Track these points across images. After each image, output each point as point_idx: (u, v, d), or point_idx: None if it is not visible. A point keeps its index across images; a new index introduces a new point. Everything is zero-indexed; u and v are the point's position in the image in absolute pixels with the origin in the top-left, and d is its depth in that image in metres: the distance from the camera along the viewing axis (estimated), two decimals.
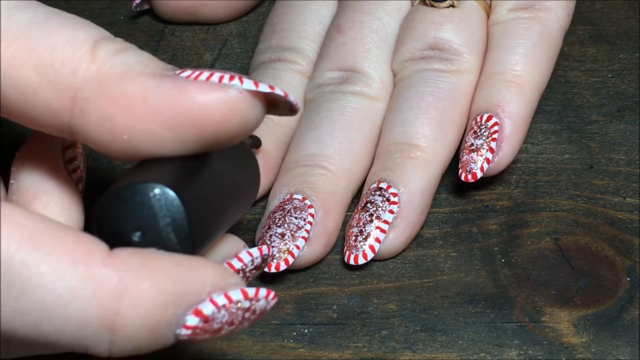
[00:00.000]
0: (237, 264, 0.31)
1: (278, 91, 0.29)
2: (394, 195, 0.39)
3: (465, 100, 0.41)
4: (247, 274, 0.32)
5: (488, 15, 0.43)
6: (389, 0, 0.43)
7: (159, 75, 0.28)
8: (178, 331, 0.27)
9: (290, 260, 0.37)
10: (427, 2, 0.42)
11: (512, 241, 0.40)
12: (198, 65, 0.48)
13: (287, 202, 0.39)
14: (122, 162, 0.30)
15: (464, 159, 0.39)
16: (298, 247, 0.38)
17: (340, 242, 0.40)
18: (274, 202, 0.39)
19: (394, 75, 0.42)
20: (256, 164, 0.33)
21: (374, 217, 0.38)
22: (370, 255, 0.38)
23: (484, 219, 0.41)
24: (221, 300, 0.28)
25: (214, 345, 0.37)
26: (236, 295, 0.28)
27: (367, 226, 0.38)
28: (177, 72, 0.29)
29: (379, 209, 0.38)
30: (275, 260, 0.37)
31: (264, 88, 0.29)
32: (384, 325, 0.37)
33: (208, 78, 0.29)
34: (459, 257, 0.40)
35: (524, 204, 0.41)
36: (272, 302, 0.29)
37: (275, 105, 0.30)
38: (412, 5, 0.43)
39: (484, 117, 0.40)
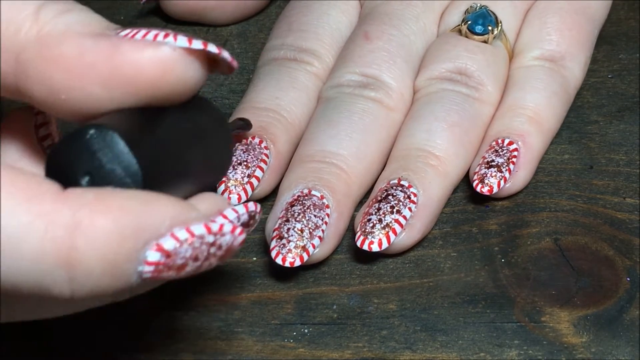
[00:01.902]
0: (222, 222, 0.31)
1: (211, 48, 0.30)
2: (414, 195, 0.39)
3: (484, 128, 0.42)
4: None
5: (509, 58, 0.44)
6: (417, 20, 0.44)
7: (97, 34, 0.29)
8: (140, 268, 0.27)
9: (305, 257, 0.37)
10: (463, 31, 0.43)
11: (512, 241, 0.40)
12: None
13: (306, 198, 0.39)
14: (73, 122, 0.30)
15: (481, 171, 0.40)
16: (314, 246, 0.38)
17: (341, 242, 0.40)
18: (289, 194, 0.39)
19: (416, 91, 0.43)
20: (226, 128, 0.33)
21: (395, 210, 0.38)
22: (384, 245, 0.38)
23: (484, 219, 0.41)
24: (183, 234, 0.27)
25: (213, 345, 0.37)
26: (199, 229, 0.28)
27: (387, 216, 0.38)
28: (117, 31, 0.29)
29: (401, 203, 0.39)
30: (290, 256, 0.37)
31: (197, 45, 0.29)
32: (384, 325, 0.37)
33: (144, 36, 0.29)
34: (459, 257, 0.40)
35: (524, 204, 0.41)
36: (240, 238, 0.29)
37: (215, 63, 0.30)
38: (439, 31, 0.45)
39: (505, 141, 0.41)
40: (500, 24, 0.43)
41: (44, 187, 0.27)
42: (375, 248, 0.38)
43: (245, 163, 0.40)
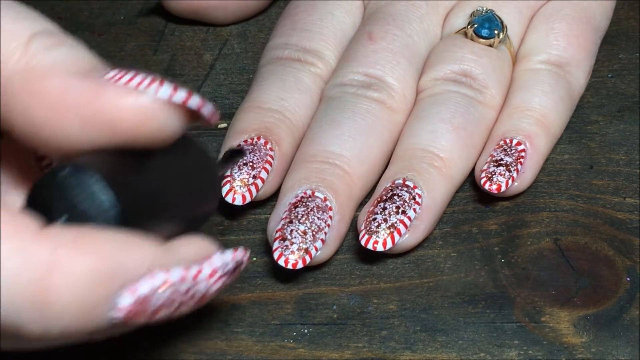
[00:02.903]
0: (204, 274, 0.30)
1: (192, 102, 0.30)
2: (419, 196, 0.39)
3: (487, 131, 0.42)
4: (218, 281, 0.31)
5: (513, 63, 0.44)
6: (421, 22, 0.44)
7: (83, 74, 0.29)
8: (112, 313, 0.27)
9: (308, 260, 0.37)
10: (469, 34, 0.43)
11: (512, 241, 0.40)
12: (198, 65, 0.48)
13: (309, 199, 0.39)
14: (55, 157, 0.30)
15: (490, 169, 0.40)
16: (317, 249, 0.38)
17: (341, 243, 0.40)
18: (292, 194, 0.39)
19: (420, 91, 0.43)
20: (213, 169, 0.33)
21: (400, 210, 0.38)
22: (389, 245, 0.38)
23: (484, 219, 0.41)
24: (159, 279, 0.27)
25: (213, 345, 0.37)
26: (175, 275, 0.28)
27: (392, 216, 0.38)
28: (104, 72, 0.29)
29: (406, 204, 0.39)
30: (293, 258, 0.37)
31: (179, 98, 0.29)
32: (384, 325, 0.37)
33: (128, 81, 0.29)
34: (459, 257, 0.40)
35: (524, 204, 0.41)
36: (215, 286, 0.29)
37: (196, 115, 0.30)
38: (443, 33, 0.45)
39: (514, 141, 0.41)
40: (506, 29, 0.44)
41: (24, 224, 0.27)
42: (379, 248, 0.38)
43: (250, 164, 0.40)
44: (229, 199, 0.39)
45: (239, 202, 0.39)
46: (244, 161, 0.40)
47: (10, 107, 0.29)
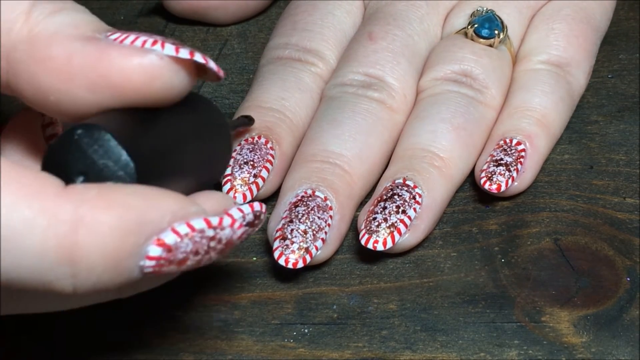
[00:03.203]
0: (227, 220, 0.31)
1: (198, 57, 0.30)
2: (419, 196, 0.39)
3: (487, 132, 0.42)
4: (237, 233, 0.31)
5: (513, 63, 0.44)
6: (421, 22, 0.44)
7: (87, 37, 0.29)
8: (142, 263, 0.27)
9: (308, 259, 0.37)
10: (469, 34, 0.43)
11: (512, 241, 0.40)
12: None
13: (309, 199, 0.39)
14: (67, 122, 0.30)
15: (490, 169, 0.40)
16: (317, 248, 0.38)
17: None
18: (293, 193, 0.39)
19: (420, 91, 0.43)
20: (225, 127, 0.33)
21: (400, 210, 0.38)
22: (389, 244, 0.38)
23: (484, 219, 0.41)
24: (183, 229, 0.28)
25: (214, 344, 0.37)
26: (199, 223, 0.28)
27: (392, 216, 0.38)
28: (108, 34, 0.29)
29: (406, 203, 0.39)
30: (293, 257, 0.37)
31: (184, 54, 0.29)
32: (384, 325, 0.37)
33: (133, 42, 0.29)
34: (459, 257, 0.40)
35: (524, 204, 0.41)
36: (239, 232, 0.29)
37: (202, 71, 0.31)
38: (443, 33, 0.45)
39: (514, 141, 0.41)
40: (506, 29, 0.44)
41: (47, 183, 0.27)
42: (379, 247, 0.38)
43: (251, 163, 0.40)
44: (229, 195, 0.39)
45: (239, 200, 0.39)
46: (245, 160, 0.40)
47: (17, 74, 0.29)
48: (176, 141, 0.30)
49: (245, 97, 0.43)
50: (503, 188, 0.40)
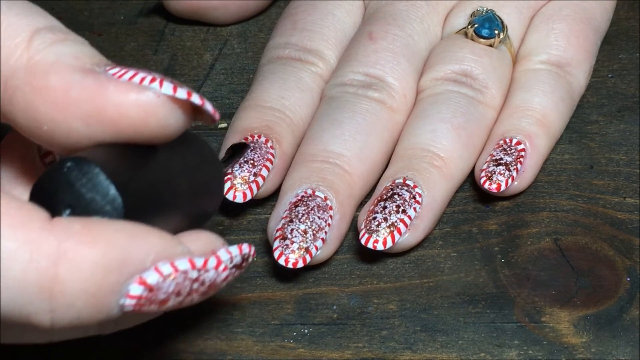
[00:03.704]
0: (212, 263, 0.31)
1: (195, 99, 0.30)
2: (419, 195, 0.39)
3: (487, 131, 0.42)
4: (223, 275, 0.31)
5: (513, 63, 0.44)
6: (421, 22, 0.44)
7: (86, 70, 0.29)
8: (122, 301, 0.27)
9: (308, 259, 0.37)
10: (469, 34, 0.43)
11: (512, 241, 0.40)
12: (198, 65, 0.48)
13: (310, 198, 0.39)
14: (58, 153, 0.30)
15: (490, 168, 0.40)
16: (317, 248, 0.38)
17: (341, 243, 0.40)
18: (293, 193, 0.39)
19: (420, 91, 0.43)
20: (218, 166, 0.33)
21: (400, 209, 0.38)
22: (389, 244, 0.38)
23: (484, 219, 0.41)
24: (167, 269, 0.27)
25: (214, 345, 0.37)
26: (183, 264, 0.28)
27: (392, 215, 0.38)
28: (107, 68, 0.29)
29: (406, 203, 0.39)
30: (293, 257, 0.37)
31: (181, 94, 0.29)
32: (384, 326, 0.37)
33: (131, 78, 0.29)
34: (459, 257, 0.40)
35: (524, 204, 0.41)
36: (223, 275, 0.29)
37: (199, 111, 0.30)
38: (443, 33, 0.45)
39: (513, 141, 0.41)
40: (506, 29, 0.44)
41: (33, 215, 0.27)
42: (379, 247, 0.38)
43: (252, 161, 0.40)
44: (229, 196, 0.39)
45: (239, 199, 0.39)
46: (245, 159, 0.40)
47: (14, 102, 0.29)
48: (167, 178, 0.30)
49: (245, 96, 0.43)
50: (503, 187, 0.40)
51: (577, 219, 0.41)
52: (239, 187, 0.39)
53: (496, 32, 0.43)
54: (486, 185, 0.40)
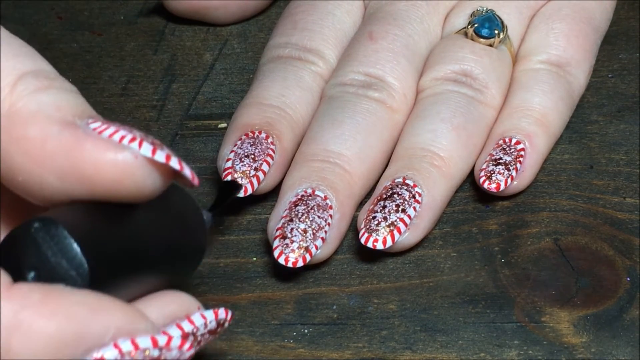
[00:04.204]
0: (188, 327, 0.30)
1: (174, 163, 0.29)
2: (419, 194, 0.39)
3: (487, 131, 0.42)
4: (199, 338, 0.30)
5: (513, 63, 0.44)
6: (421, 22, 0.44)
7: (66, 122, 0.28)
8: None
9: (308, 258, 0.37)
10: (469, 34, 0.43)
11: (512, 241, 0.40)
12: (198, 65, 0.48)
13: (309, 198, 0.39)
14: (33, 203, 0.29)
15: (489, 168, 0.40)
16: (317, 247, 0.38)
17: (341, 243, 0.40)
18: (293, 193, 0.39)
19: (420, 91, 0.43)
20: (200, 223, 0.32)
21: (400, 208, 0.38)
22: (388, 243, 0.38)
23: (484, 219, 0.41)
24: (127, 346, 0.27)
25: (213, 345, 0.37)
26: (144, 342, 0.27)
27: (392, 214, 0.38)
28: (88, 121, 0.28)
29: (406, 202, 0.39)
30: (293, 256, 0.37)
31: (159, 156, 0.28)
32: (384, 326, 0.37)
33: (111, 135, 0.28)
34: (459, 257, 0.40)
35: (524, 204, 0.41)
36: (187, 354, 0.28)
37: (178, 175, 0.29)
38: (443, 33, 0.45)
39: (513, 140, 0.41)
40: (506, 29, 0.44)
41: None
42: (379, 246, 0.38)
43: (252, 156, 0.40)
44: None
45: (241, 193, 0.39)
46: (246, 153, 0.40)
47: None
48: (141, 239, 0.29)
49: (246, 94, 0.43)
50: (502, 187, 0.40)
51: (577, 219, 0.41)
52: (240, 181, 0.39)
53: (496, 32, 0.43)
54: (485, 185, 0.40)
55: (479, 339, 0.37)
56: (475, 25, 0.43)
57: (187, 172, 0.29)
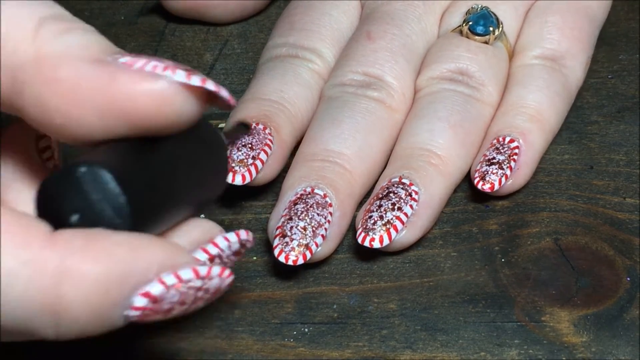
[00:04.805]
0: (213, 250, 0.30)
1: (209, 85, 0.29)
2: (416, 193, 0.39)
3: (484, 128, 0.42)
4: (225, 259, 0.31)
5: (509, 59, 0.44)
6: (419, 21, 0.44)
7: (96, 60, 0.28)
8: (126, 312, 0.27)
9: (308, 256, 0.37)
10: (464, 32, 0.44)
11: (512, 241, 0.40)
12: (198, 65, 0.48)
13: (309, 196, 0.39)
14: (70, 144, 0.30)
15: (482, 169, 0.40)
16: (317, 245, 0.38)
17: (342, 242, 0.40)
18: (292, 192, 0.39)
19: (417, 90, 0.43)
20: (222, 148, 0.32)
21: (396, 207, 0.38)
22: (385, 241, 0.38)
23: (484, 219, 0.41)
24: (170, 279, 0.27)
25: (214, 344, 0.37)
26: (187, 274, 0.28)
27: (388, 213, 0.38)
28: (117, 57, 0.28)
29: (402, 200, 0.39)
30: (293, 254, 0.37)
31: (195, 81, 0.28)
32: (384, 325, 0.37)
33: (142, 66, 0.28)
34: (459, 256, 0.40)
35: (524, 204, 0.41)
36: (227, 280, 0.29)
37: (213, 98, 0.30)
38: (439, 31, 0.45)
39: (507, 139, 0.41)
40: (501, 25, 0.44)
41: (33, 231, 0.26)
42: (376, 244, 0.38)
43: (250, 145, 0.40)
44: (228, 178, 0.39)
45: (238, 181, 0.39)
46: (243, 143, 0.40)
47: (22, 95, 0.28)
48: (177, 175, 0.30)
49: (244, 93, 0.43)
50: (496, 187, 0.40)
51: (577, 219, 0.41)
52: (237, 169, 0.39)
53: (491, 28, 0.43)
54: (479, 186, 0.40)
55: (479, 339, 0.37)
56: (470, 23, 0.44)
57: (224, 93, 0.29)
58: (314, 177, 0.39)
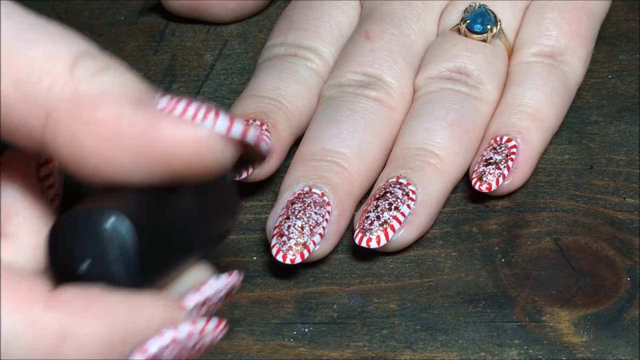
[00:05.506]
0: (204, 295, 0.30)
1: (251, 137, 0.28)
2: (413, 192, 0.39)
3: (483, 126, 0.42)
4: (216, 302, 0.31)
5: (508, 57, 0.44)
6: (418, 20, 0.44)
7: (134, 101, 0.27)
8: None
9: (306, 254, 0.37)
10: (462, 31, 0.44)
11: (512, 241, 0.40)
12: (198, 65, 0.48)
13: (306, 195, 0.39)
14: (93, 184, 0.29)
15: (480, 169, 0.40)
16: (315, 243, 0.38)
17: (342, 242, 0.40)
18: (290, 192, 0.39)
19: (416, 90, 0.43)
20: (234, 200, 0.32)
21: (392, 207, 0.38)
22: (382, 242, 0.38)
23: (484, 219, 0.41)
24: (169, 338, 0.27)
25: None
26: (184, 332, 0.28)
27: (384, 213, 0.38)
28: (155, 99, 0.28)
29: (399, 200, 0.39)
30: (291, 253, 0.37)
31: (236, 131, 0.28)
32: (385, 325, 0.37)
33: (183, 111, 0.27)
34: (459, 256, 0.40)
35: (524, 204, 0.41)
36: (221, 335, 0.29)
37: (249, 147, 0.29)
38: (438, 31, 0.45)
39: (504, 138, 0.41)
40: (499, 23, 0.44)
41: (35, 290, 0.26)
42: (373, 245, 0.38)
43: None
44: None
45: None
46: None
47: (57, 135, 0.27)
48: (189, 226, 0.29)
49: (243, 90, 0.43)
50: (494, 187, 0.40)
51: (577, 219, 0.41)
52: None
53: (489, 26, 0.43)
54: (477, 186, 0.40)
55: (479, 338, 0.37)
56: (468, 21, 0.44)
57: (264, 145, 0.29)
58: (311, 177, 0.39)
